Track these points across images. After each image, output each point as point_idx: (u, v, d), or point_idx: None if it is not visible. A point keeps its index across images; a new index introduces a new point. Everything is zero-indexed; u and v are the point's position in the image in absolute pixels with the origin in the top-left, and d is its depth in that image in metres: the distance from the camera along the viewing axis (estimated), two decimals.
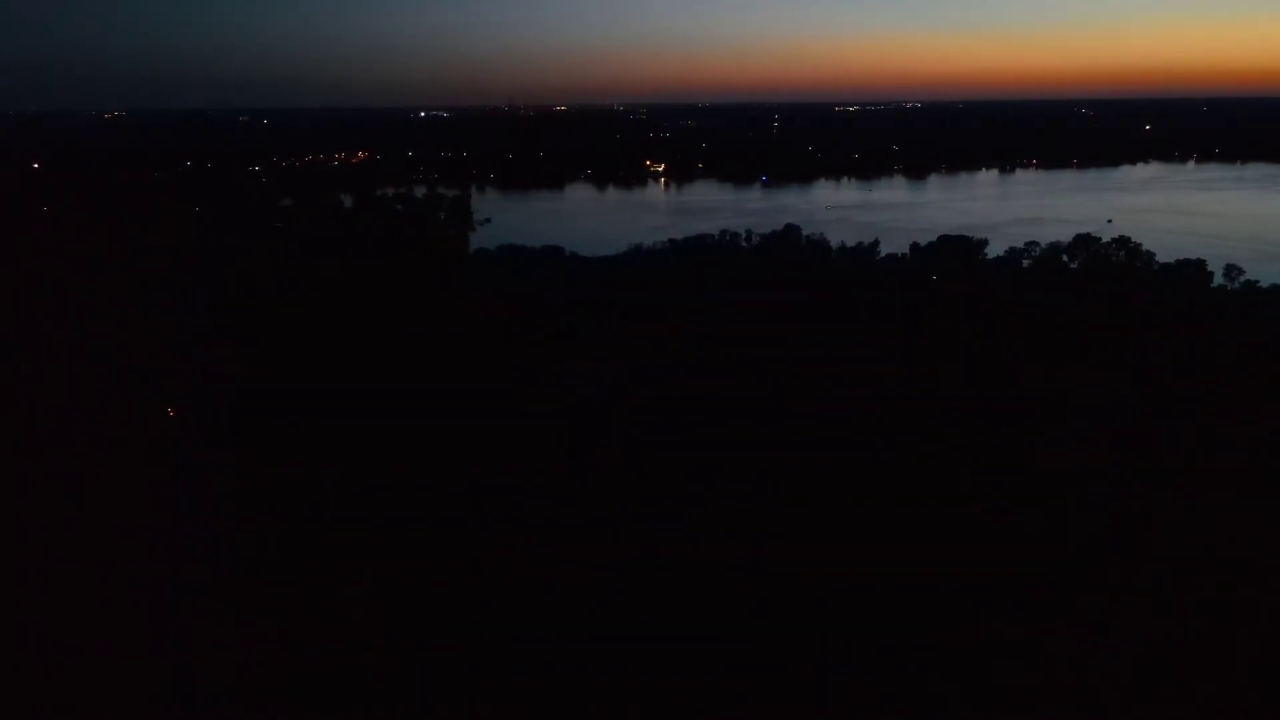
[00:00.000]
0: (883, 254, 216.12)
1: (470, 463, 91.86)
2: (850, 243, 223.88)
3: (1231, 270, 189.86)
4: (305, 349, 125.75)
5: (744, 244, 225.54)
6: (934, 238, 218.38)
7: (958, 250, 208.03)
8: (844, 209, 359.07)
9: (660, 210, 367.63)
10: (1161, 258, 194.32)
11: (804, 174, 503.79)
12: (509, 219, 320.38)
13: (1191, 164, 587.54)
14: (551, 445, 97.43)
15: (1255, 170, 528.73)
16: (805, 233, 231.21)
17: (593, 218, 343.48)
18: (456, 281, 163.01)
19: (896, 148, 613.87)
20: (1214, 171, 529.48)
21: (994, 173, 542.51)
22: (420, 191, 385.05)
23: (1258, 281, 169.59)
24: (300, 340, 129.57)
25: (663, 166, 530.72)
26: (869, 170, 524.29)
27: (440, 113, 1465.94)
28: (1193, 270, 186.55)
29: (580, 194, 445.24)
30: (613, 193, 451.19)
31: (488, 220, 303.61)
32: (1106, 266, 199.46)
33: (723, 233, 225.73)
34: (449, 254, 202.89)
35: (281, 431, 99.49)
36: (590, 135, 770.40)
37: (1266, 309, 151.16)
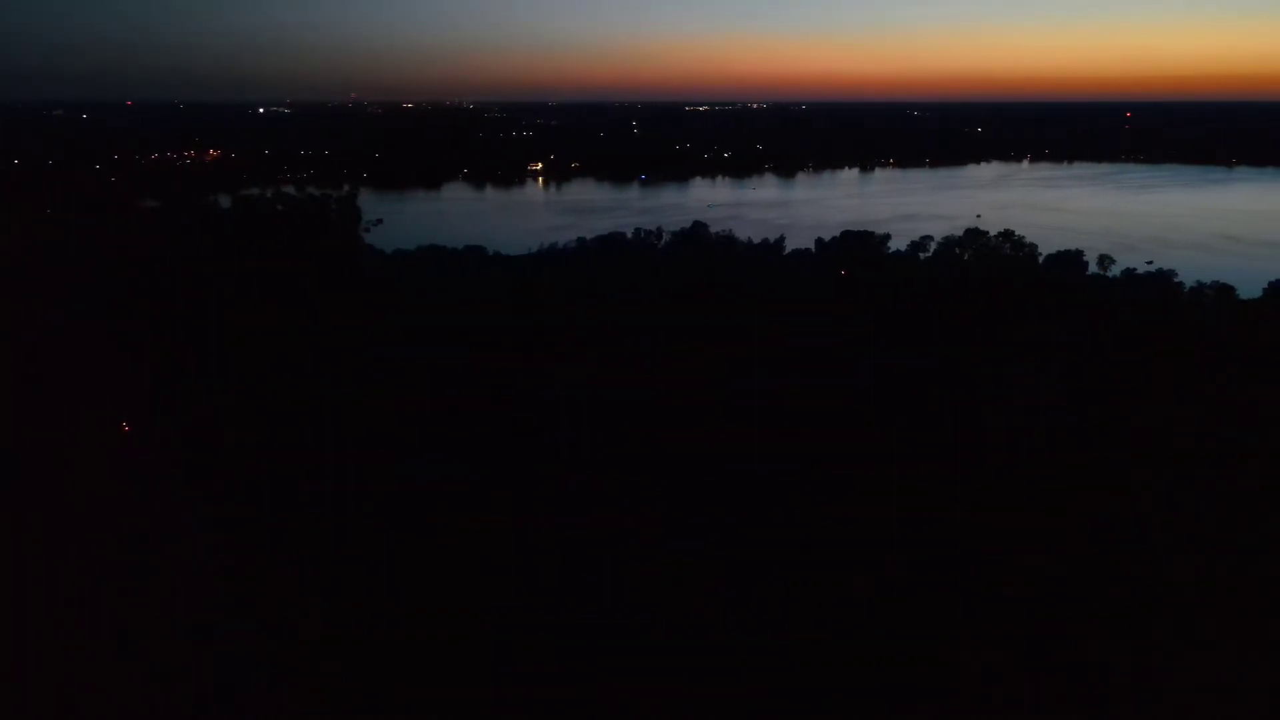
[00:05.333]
0: (788, 250, 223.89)
1: (455, 465, 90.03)
2: (756, 239, 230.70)
3: (1104, 260, 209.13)
4: (246, 354, 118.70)
5: (656, 242, 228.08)
6: (827, 234, 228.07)
7: (863, 245, 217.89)
8: (727, 207, 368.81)
9: (554, 209, 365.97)
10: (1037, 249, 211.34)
11: (680, 173, 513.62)
12: (400, 220, 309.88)
13: (1026, 163, 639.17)
14: (537, 442, 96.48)
15: (1082, 169, 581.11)
16: (712, 230, 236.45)
17: (489, 217, 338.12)
18: (389, 284, 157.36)
19: (761, 147, 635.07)
20: (1049, 170, 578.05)
21: (855, 171, 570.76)
22: (290, 191, 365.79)
23: (1134, 269, 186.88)
24: (237, 346, 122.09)
25: (540, 165, 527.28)
26: (741, 169, 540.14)
27: (281, 109, 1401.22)
28: (1073, 260, 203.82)
29: (461, 194, 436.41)
30: (494, 192, 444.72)
31: (379, 221, 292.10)
32: (996, 258, 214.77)
33: (636, 230, 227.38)
34: (364, 256, 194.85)
35: (251, 439, 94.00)
36: (452, 134, 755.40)
37: (1152, 291, 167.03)
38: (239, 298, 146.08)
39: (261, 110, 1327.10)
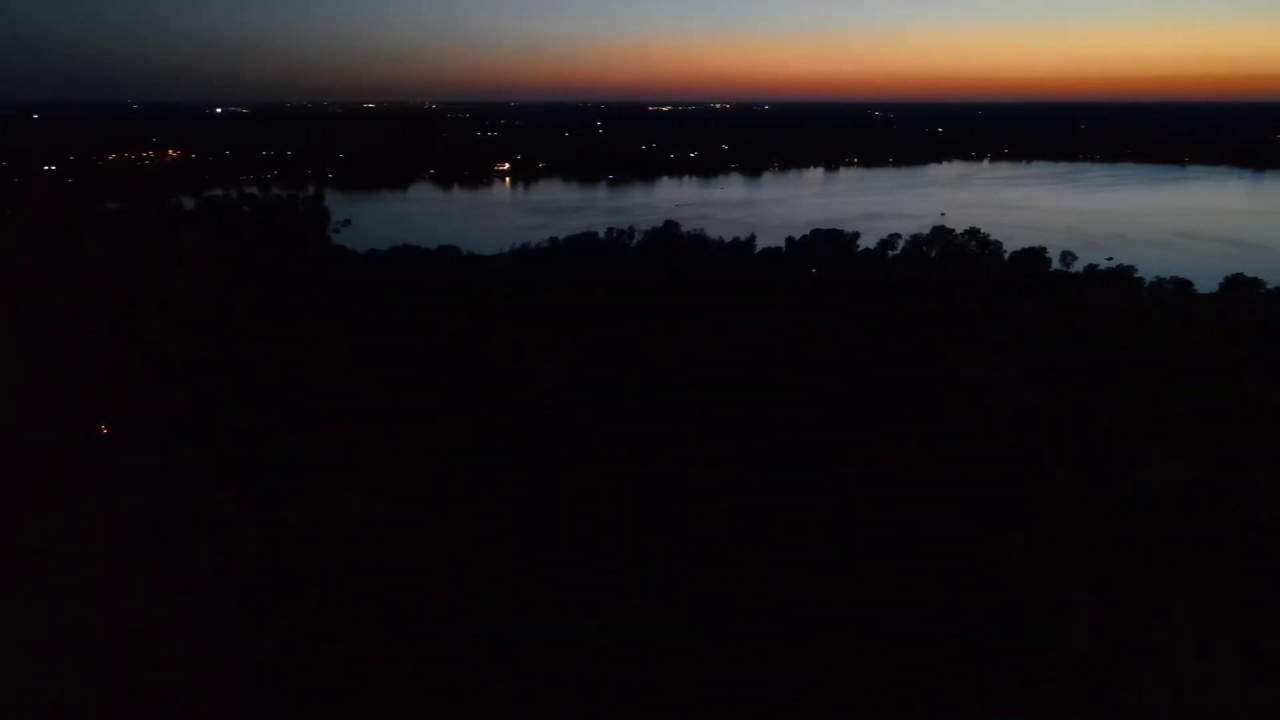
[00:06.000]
0: (759, 248, 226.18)
1: (446, 463, 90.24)
2: (727, 238, 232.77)
3: (1067, 256, 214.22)
4: (222, 355, 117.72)
5: (628, 241, 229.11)
6: (796, 232, 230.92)
7: (833, 243, 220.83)
8: (696, 206, 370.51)
9: (523, 209, 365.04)
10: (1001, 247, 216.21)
11: (647, 172, 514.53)
12: (369, 220, 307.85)
13: (986, 162, 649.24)
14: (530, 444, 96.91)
15: (1041, 168, 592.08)
16: (683, 229, 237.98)
17: (458, 218, 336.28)
18: (364, 284, 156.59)
19: (726, 147, 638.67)
20: (1009, 169, 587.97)
21: (820, 170, 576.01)
22: (255, 193, 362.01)
23: (1096, 265, 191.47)
24: (213, 347, 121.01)
25: (507, 165, 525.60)
26: (708, 169, 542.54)
27: (239, 109, 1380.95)
28: (1037, 256, 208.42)
29: (429, 194, 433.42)
30: (462, 193, 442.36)
31: (347, 222, 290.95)
32: (962, 255, 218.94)
33: (608, 230, 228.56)
34: (336, 257, 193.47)
35: (232, 439, 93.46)
36: (417, 134, 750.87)
37: (1114, 286, 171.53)
38: (211, 298, 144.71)
39: (219, 110, 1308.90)
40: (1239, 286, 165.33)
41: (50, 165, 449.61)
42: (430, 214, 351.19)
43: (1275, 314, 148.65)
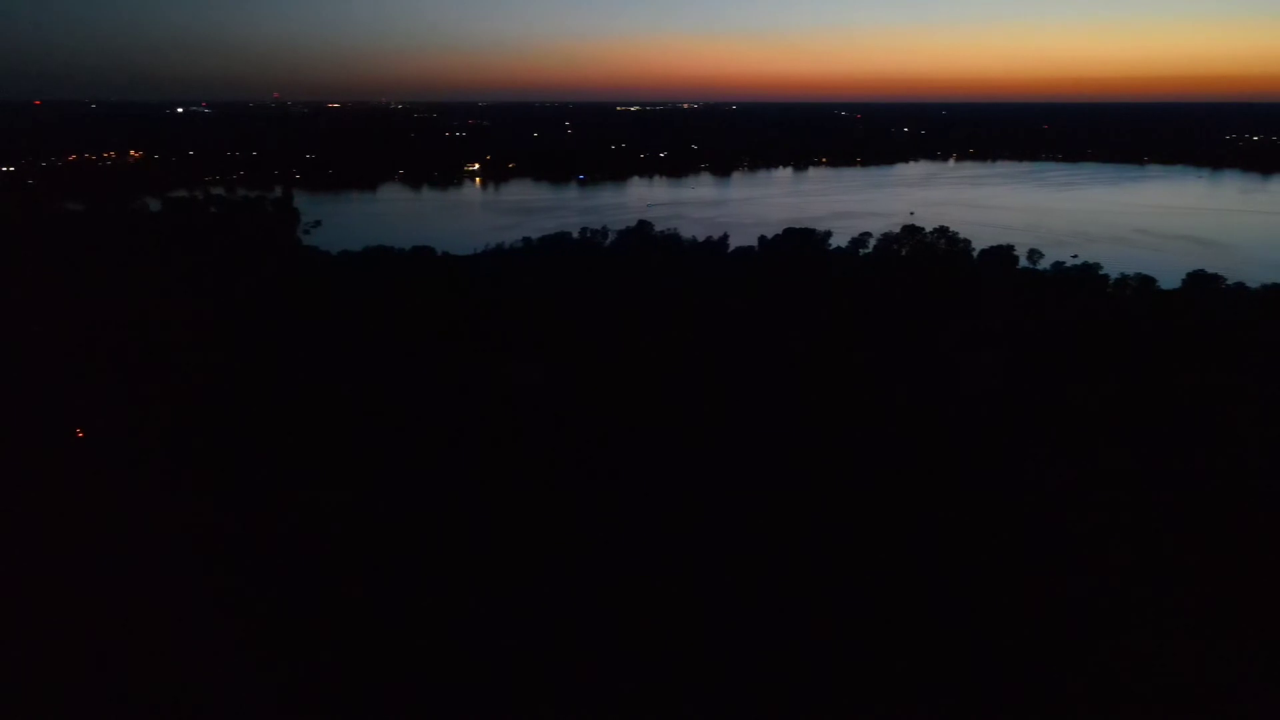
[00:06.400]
0: (732, 247, 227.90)
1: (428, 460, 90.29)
2: (700, 237, 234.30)
3: (1033, 254, 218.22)
4: (195, 358, 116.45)
5: (602, 241, 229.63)
6: (768, 231, 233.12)
7: (805, 242, 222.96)
8: (667, 206, 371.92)
9: (496, 210, 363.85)
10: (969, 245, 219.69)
11: (617, 172, 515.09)
12: (340, 221, 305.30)
13: (952, 162, 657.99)
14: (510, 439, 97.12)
15: (1006, 167, 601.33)
16: (656, 229, 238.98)
17: (430, 218, 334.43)
18: (337, 286, 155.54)
19: (696, 146, 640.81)
20: (974, 169, 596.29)
21: (789, 170, 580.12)
22: (221, 194, 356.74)
23: (1063, 262, 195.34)
24: (186, 349, 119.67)
25: (477, 166, 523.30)
26: (677, 168, 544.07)
27: (200, 108, 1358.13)
28: (1004, 255, 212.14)
29: (399, 194, 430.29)
30: (432, 193, 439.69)
31: (318, 223, 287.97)
32: (933, 253, 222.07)
33: (583, 230, 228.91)
34: (308, 258, 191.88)
35: (220, 442, 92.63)
36: (384, 134, 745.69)
37: (1080, 283, 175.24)
38: (182, 301, 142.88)
39: (180, 110, 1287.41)
40: (1200, 282, 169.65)
41: (8, 167, 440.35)
42: (401, 214, 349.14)
43: (1235, 309, 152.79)
